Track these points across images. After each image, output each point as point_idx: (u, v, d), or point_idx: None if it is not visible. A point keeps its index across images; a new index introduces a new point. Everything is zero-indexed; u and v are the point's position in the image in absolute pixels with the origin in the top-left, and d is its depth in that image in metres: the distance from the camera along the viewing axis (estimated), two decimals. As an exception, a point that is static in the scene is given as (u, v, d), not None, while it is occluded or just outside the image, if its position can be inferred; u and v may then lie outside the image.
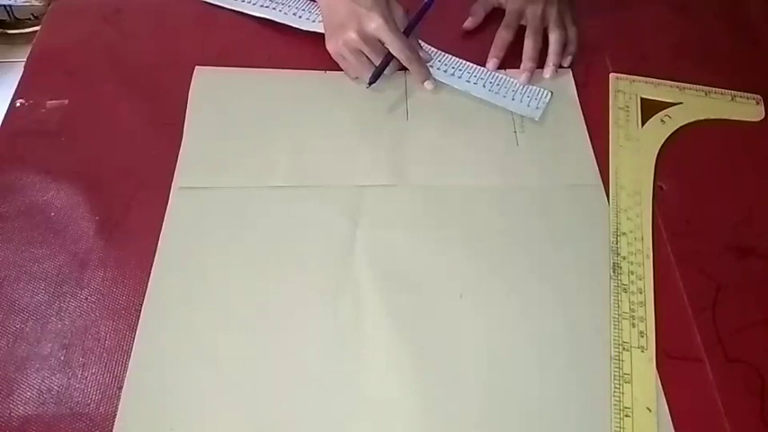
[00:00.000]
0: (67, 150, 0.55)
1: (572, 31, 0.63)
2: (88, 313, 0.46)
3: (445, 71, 0.60)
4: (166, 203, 0.51)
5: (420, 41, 0.61)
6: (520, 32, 0.62)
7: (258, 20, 0.65)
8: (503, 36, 0.61)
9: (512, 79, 0.60)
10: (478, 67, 0.61)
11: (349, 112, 0.59)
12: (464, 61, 0.61)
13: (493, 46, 0.62)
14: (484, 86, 0.60)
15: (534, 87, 0.60)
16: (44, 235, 0.50)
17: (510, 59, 0.61)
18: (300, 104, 0.59)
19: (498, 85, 0.60)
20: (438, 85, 0.60)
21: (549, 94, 0.59)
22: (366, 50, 0.57)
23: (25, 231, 0.50)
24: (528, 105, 0.59)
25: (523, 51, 0.61)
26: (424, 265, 0.49)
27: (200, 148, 0.55)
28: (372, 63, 0.58)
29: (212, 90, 0.59)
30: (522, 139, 0.58)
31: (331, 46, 0.59)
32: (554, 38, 0.61)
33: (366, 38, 0.56)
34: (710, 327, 0.47)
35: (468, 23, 0.65)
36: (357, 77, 0.59)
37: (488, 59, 0.61)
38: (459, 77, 0.60)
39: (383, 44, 0.57)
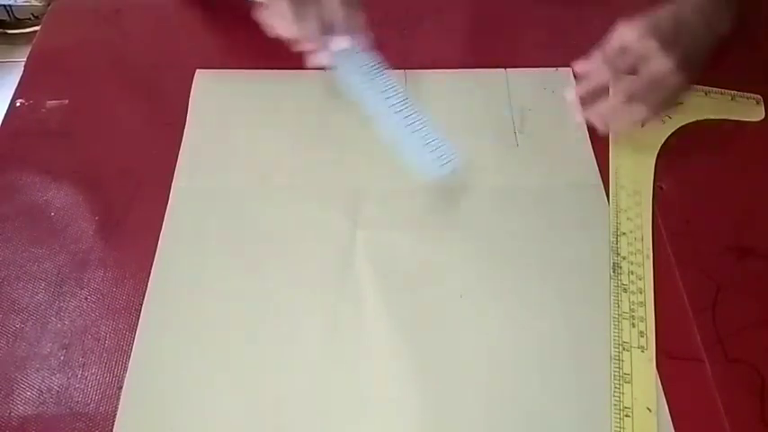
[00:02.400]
0: (67, 150, 0.55)
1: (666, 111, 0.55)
2: (88, 313, 0.46)
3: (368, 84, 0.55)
4: (166, 203, 0.52)
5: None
6: (524, 32, 0.60)
7: (258, 20, 0.65)
8: (611, 104, 0.53)
9: (430, 129, 0.52)
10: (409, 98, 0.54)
11: (349, 112, 0.59)
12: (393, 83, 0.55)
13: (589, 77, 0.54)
14: (401, 120, 0.53)
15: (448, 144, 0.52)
16: (44, 235, 0.50)
17: (511, 57, 0.61)
18: (300, 104, 0.59)
19: (416, 128, 0.52)
20: (439, 85, 0.60)
21: (454, 161, 0.51)
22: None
23: (25, 231, 0.50)
24: (431, 162, 0.51)
25: (599, 104, 0.54)
26: (424, 265, 0.49)
27: (200, 148, 0.55)
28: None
29: (212, 93, 0.59)
30: (522, 139, 0.58)
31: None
32: (635, 113, 0.53)
33: None
34: (710, 327, 0.47)
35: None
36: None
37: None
38: (386, 96, 0.54)
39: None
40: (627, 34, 0.53)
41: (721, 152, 0.57)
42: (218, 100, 0.59)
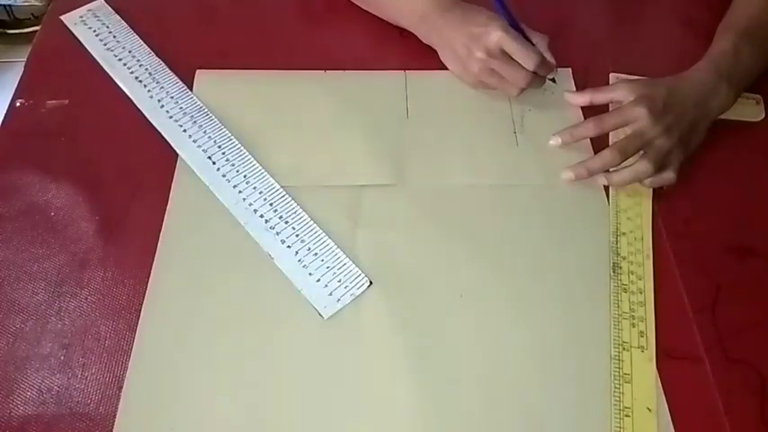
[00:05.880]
0: (67, 150, 0.55)
1: (665, 178, 0.53)
2: (88, 313, 0.46)
3: (268, 222, 0.50)
4: (166, 203, 0.51)
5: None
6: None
7: (258, 20, 0.65)
8: (605, 156, 0.52)
9: (338, 253, 0.49)
10: (311, 223, 0.51)
11: (349, 112, 0.59)
12: (302, 213, 0.51)
13: (574, 128, 0.54)
14: (298, 251, 0.49)
15: (354, 270, 0.48)
16: (44, 235, 0.50)
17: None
18: (300, 104, 0.59)
19: (318, 254, 0.49)
20: (439, 85, 0.60)
21: (367, 284, 0.48)
22: (497, 66, 0.55)
23: (25, 231, 0.50)
24: (330, 294, 0.47)
25: (591, 158, 0.53)
26: (424, 265, 0.49)
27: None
28: (508, 76, 0.56)
29: (213, 93, 0.59)
30: (522, 139, 0.58)
31: (468, 78, 0.59)
32: (639, 169, 0.52)
33: (493, 54, 0.55)
34: (710, 327, 0.47)
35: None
36: (513, 92, 0.57)
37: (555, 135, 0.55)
38: (274, 231, 0.50)
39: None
40: (620, 95, 0.54)
41: (721, 152, 0.57)
42: (218, 99, 0.58)
